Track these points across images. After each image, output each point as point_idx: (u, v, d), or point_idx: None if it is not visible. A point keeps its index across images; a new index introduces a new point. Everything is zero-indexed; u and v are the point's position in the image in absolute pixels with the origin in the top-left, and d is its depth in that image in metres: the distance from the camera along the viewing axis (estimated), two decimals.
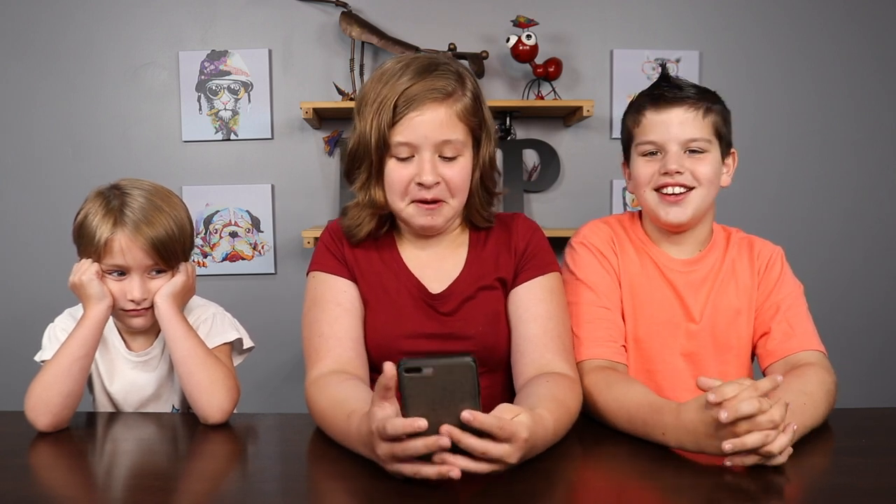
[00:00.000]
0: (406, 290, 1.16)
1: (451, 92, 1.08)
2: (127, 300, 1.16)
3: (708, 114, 1.18)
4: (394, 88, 1.06)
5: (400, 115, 1.06)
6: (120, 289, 1.16)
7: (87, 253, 1.17)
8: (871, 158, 2.65)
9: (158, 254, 1.15)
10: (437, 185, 1.08)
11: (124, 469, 0.94)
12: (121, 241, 1.13)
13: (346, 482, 0.86)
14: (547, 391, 0.99)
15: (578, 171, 2.57)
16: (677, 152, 1.17)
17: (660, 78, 1.24)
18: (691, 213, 1.19)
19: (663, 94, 1.19)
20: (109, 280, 1.16)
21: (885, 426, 1.08)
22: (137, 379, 1.23)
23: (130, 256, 1.14)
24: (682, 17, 2.58)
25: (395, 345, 1.13)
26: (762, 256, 1.26)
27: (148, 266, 1.16)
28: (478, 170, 1.14)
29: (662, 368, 1.22)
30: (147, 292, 1.16)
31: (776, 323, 1.19)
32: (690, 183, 1.17)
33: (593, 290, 1.21)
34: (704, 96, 1.19)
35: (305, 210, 2.53)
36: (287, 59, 2.52)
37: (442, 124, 1.07)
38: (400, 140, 1.07)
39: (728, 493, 0.79)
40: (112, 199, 1.17)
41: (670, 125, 1.17)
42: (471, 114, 1.10)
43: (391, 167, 1.10)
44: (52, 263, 2.50)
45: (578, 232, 1.30)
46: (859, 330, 2.67)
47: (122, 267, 1.15)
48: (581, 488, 0.87)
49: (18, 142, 2.50)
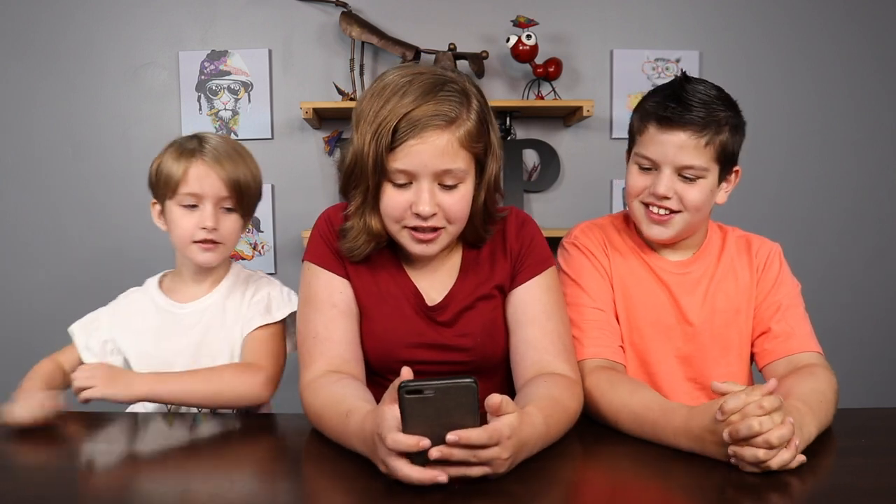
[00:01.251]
0: (405, 298, 1.14)
1: (454, 118, 1.01)
2: (199, 229, 1.20)
3: (712, 140, 1.13)
4: (394, 110, 1.00)
5: (399, 140, 1.00)
6: (192, 221, 1.20)
7: (163, 192, 1.22)
8: (871, 158, 2.65)
9: (232, 187, 1.21)
10: (434, 216, 1.04)
11: (122, 469, 0.94)
12: (198, 168, 1.19)
13: (344, 482, 0.86)
14: (544, 391, 0.99)
15: (578, 171, 2.57)
16: (670, 175, 1.14)
17: (672, 92, 1.15)
18: (673, 234, 1.19)
19: (668, 116, 1.12)
20: (182, 213, 1.21)
21: (886, 426, 1.08)
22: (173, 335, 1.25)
23: (207, 183, 1.19)
24: (682, 17, 2.57)
25: (394, 353, 1.13)
26: (761, 254, 1.25)
27: (221, 198, 1.21)
28: (482, 192, 1.09)
29: (658, 370, 1.21)
30: (218, 224, 1.20)
31: (776, 322, 1.19)
32: (677, 207, 1.16)
33: (587, 292, 1.20)
34: (710, 122, 1.12)
35: (305, 210, 2.52)
36: (287, 59, 2.52)
37: (443, 153, 1.01)
38: (398, 167, 1.01)
39: (728, 494, 0.79)
40: (189, 142, 1.23)
41: (668, 147, 1.13)
42: (475, 139, 1.04)
43: (388, 193, 1.05)
44: (51, 263, 2.50)
45: (570, 233, 1.29)
46: (861, 330, 2.67)
47: (197, 195, 1.19)
48: (581, 488, 0.87)
49: (18, 142, 2.49)
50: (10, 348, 2.45)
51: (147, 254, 2.43)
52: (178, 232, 1.22)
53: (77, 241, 2.49)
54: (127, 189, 2.48)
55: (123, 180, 2.48)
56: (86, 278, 2.46)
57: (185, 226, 1.21)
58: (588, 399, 1.06)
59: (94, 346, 1.28)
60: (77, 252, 2.49)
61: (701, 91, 1.14)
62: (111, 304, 1.34)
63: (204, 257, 1.22)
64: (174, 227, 1.22)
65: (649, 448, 0.95)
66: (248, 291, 1.28)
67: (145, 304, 1.29)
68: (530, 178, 2.57)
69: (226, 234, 1.23)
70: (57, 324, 2.45)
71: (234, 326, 1.25)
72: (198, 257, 1.22)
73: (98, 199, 2.50)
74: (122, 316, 1.30)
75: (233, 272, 1.32)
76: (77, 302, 2.53)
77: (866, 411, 1.15)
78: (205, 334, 1.25)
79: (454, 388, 0.78)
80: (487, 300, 1.15)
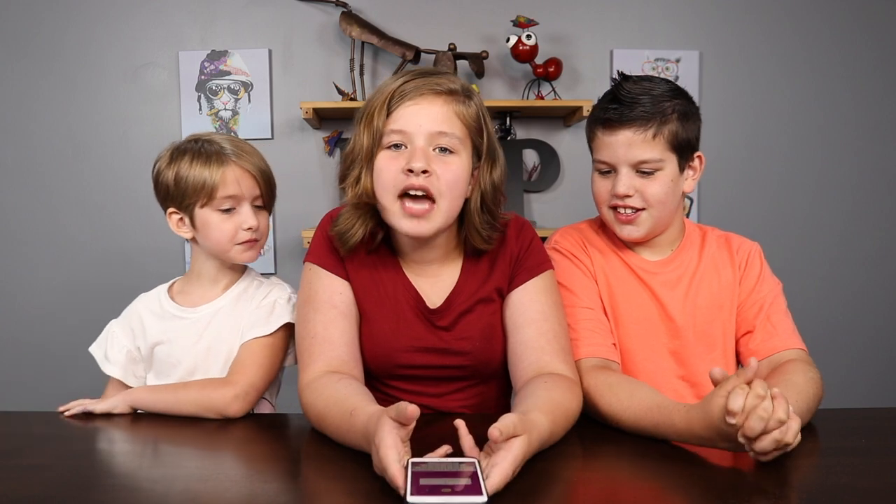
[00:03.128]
0: (405, 301, 1.14)
1: (452, 90, 1.05)
2: (243, 230, 1.21)
3: (660, 131, 1.14)
4: (390, 86, 1.05)
5: (395, 106, 1.03)
6: (233, 224, 1.21)
7: (191, 201, 1.20)
8: (871, 158, 2.65)
9: (265, 182, 1.24)
10: (427, 175, 1.02)
11: (122, 469, 0.94)
12: (234, 171, 1.20)
13: (344, 482, 0.86)
14: (545, 393, 0.99)
15: (578, 171, 2.57)
16: (627, 173, 1.17)
17: (610, 95, 1.19)
18: (645, 232, 1.20)
19: (609, 118, 1.16)
20: (221, 218, 1.21)
21: (885, 426, 1.08)
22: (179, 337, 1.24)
23: (245, 184, 1.20)
24: (682, 17, 2.58)
25: (393, 357, 1.13)
26: (741, 252, 1.26)
27: (256, 196, 1.23)
28: (477, 190, 1.10)
29: (649, 367, 1.21)
30: (257, 222, 1.23)
31: (759, 322, 1.20)
32: (640, 205, 1.18)
33: (574, 293, 1.21)
34: (654, 114, 1.14)
35: (305, 210, 2.53)
36: (287, 59, 2.52)
37: (438, 116, 1.03)
38: (393, 128, 1.03)
39: (727, 494, 0.79)
40: (204, 146, 1.22)
41: (618, 147, 1.16)
42: (472, 119, 1.06)
43: (381, 158, 1.05)
44: (51, 263, 2.50)
45: (550, 239, 1.31)
46: (860, 330, 2.66)
47: (237, 197, 1.20)
48: (581, 488, 0.87)
49: (19, 142, 2.50)
50: (9, 348, 2.45)
51: (147, 253, 2.43)
52: (218, 237, 1.21)
53: (77, 240, 2.50)
54: (127, 189, 2.48)
55: (123, 180, 2.49)
56: (85, 278, 2.47)
57: (227, 229, 1.21)
58: (587, 400, 1.06)
59: (118, 358, 1.27)
60: (77, 252, 2.49)
61: (639, 88, 1.16)
62: (122, 314, 1.32)
63: (248, 255, 1.25)
64: (213, 233, 1.21)
65: (649, 448, 0.95)
66: (258, 295, 1.27)
67: (154, 309, 1.28)
68: (530, 178, 2.57)
69: (263, 230, 1.26)
70: (56, 323, 2.48)
71: (239, 331, 1.24)
72: (241, 256, 1.24)
73: (98, 199, 2.50)
74: (135, 323, 1.28)
75: (247, 276, 1.31)
76: (77, 302, 2.54)
77: (865, 411, 1.15)
78: (215, 338, 1.24)
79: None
80: (487, 304, 1.15)
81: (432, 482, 0.74)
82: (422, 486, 0.73)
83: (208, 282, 1.28)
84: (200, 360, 1.23)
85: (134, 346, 1.27)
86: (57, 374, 2.46)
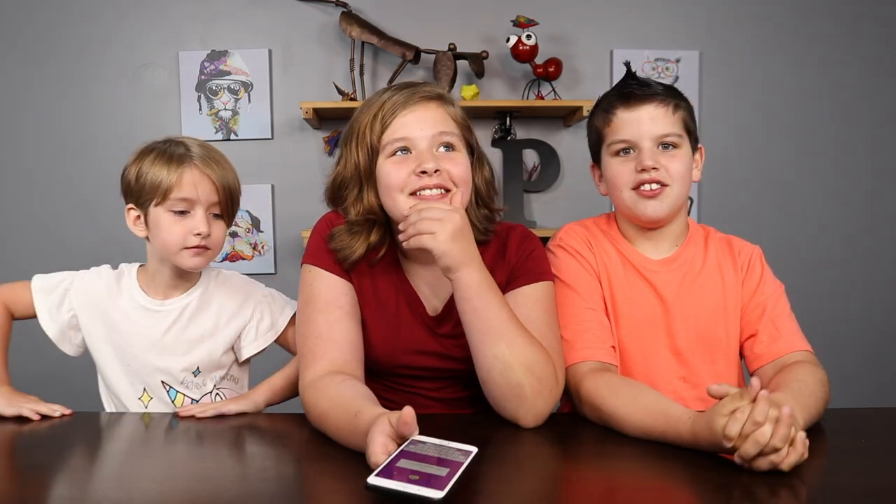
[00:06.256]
0: (406, 305, 1.15)
1: (440, 95, 1.09)
2: (192, 235, 1.18)
3: (677, 109, 1.20)
4: (376, 104, 1.07)
5: (389, 120, 1.05)
6: (183, 227, 1.19)
7: (147, 198, 1.19)
8: (871, 158, 2.65)
9: (225, 192, 1.21)
10: (439, 174, 1.04)
11: (121, 469, 0.94)
12: (192, 174, 1.18)
13: (344, 482, 0.86)
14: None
15: (578, 171, 2.57)
16: (651, 148, 1.18)
17: (626, 76, 1.24)
18: (668, 208, 1.20)
19: (633, 92, 1.19)
20: (172, 220, 1.19)
21: (886, 426, 1.08)
22: (144, 329, 1.25)
23: (201, 189, 1.18)
24: (682, 17, 2.58)
25: (393, 358, 1.14)
26: (743, 254, 1.26)
27: (212, 203, 1.20)
28: (473, 185, 1.13)
29: (651, 366, 1.21)
30: (209, 229, 1.20)
31: (762, 325, 1.20)
32: (665, 179, 1.18)
33: (577, 292, 1.20)
34: (671, 92, 1.21)
35: (305, 210, 2.52)
36: (287, 59, 2.52)
37: (436, 118, 1.06)
38: (394, 137, 1.05)
39: (728, 494, 0.79)
40: (172, 147, 1.21)
41: (642, 122, 1.18)
42: (461, 119, 1.11)
43: (385, 166, 1.06)
44: (51, 263, 2.49)
45: (555, 236, 1.30)
46: (861, 330, 2.66)
47: (190, 201, 1.18)
48: (581, 488, 0.87)
49: (18, 142, 2.50)
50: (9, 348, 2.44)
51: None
52: (167, 238, 1.19)
53: (76, 240, 2.49)
54: None
55: None
56: None
57: (177, 232, 1.18)
58: (589, 405, 1.06)
59: (61, 317, 1.27)
60: (77, 252, 2.49)
61: (648, 80, 1.24)
62: (80, 276, 1.30)
63: (194, 262, 1.20)
64: (162, 234, 1.19)
65: (649, 448, 0.94)
66: (248, 308, 1.29)
67: (119, 292, 1.27)
68: (530, 178, 2.57)
69: (215, 240, 1.22)
70: None
71: (222, 326, 1.27)
72: (188, 262, 1.20)
73: (98, 199, 2.50)
74: (91, 296, 1.27)
75: (204, 273, 1.31)
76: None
77: (866, 411, 1.15)
78: (182, 332, 1.25)
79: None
80: None
81: (410, 465, 0.72)
82: (395, 468, 0.72)
83: (167, 283, 1.27)
84: (161, 352, 1.25)
85: (77, 311, 1.27)
86: (57, 375, 2.45)
